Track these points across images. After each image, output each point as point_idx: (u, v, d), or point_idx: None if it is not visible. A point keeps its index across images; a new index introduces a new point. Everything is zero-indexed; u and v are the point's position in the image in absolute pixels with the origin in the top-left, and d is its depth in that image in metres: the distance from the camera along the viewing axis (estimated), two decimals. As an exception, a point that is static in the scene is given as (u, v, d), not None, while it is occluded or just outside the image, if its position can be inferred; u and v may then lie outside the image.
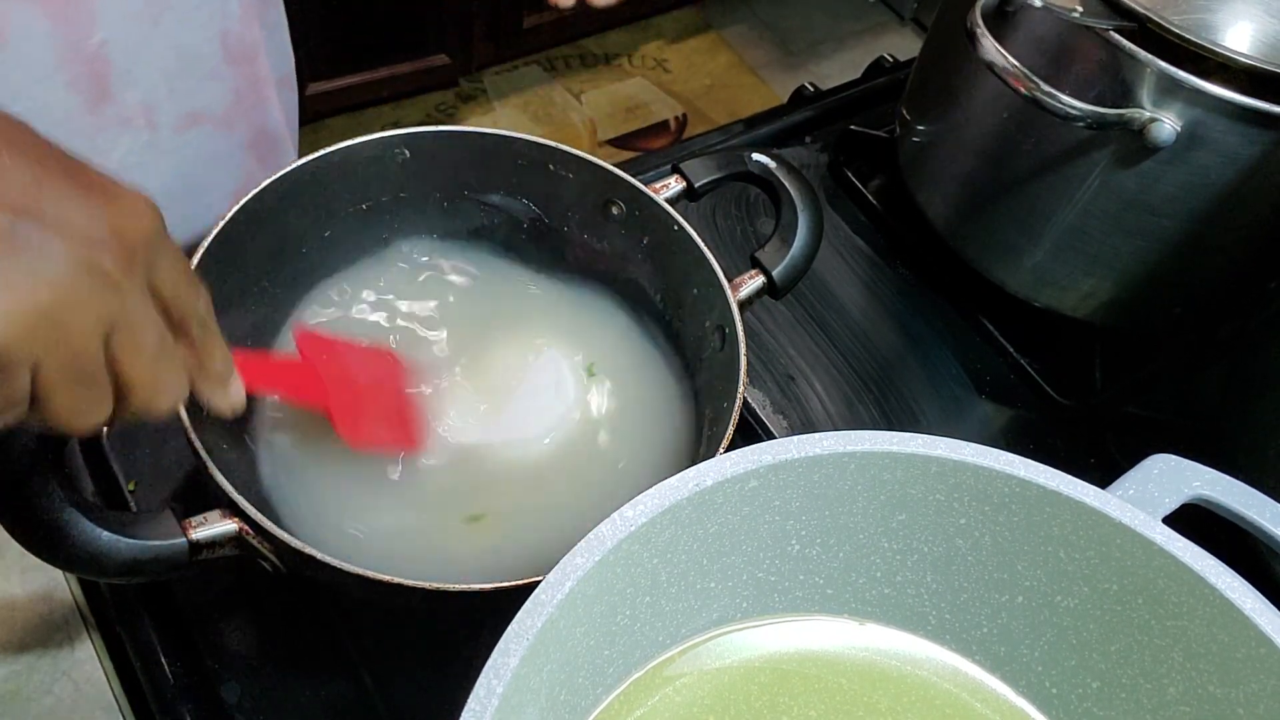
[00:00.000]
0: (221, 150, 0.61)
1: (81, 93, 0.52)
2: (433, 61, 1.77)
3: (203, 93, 0.58)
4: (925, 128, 0.72)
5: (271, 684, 0.52)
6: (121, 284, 0.32)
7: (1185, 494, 0.40)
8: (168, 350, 0.35)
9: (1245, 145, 0.56)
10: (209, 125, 0.60)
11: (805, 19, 2.14)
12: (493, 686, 0.31)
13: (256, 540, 0.44)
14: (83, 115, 0.53)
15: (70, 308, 0.31)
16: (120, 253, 0.32)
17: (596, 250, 0.61)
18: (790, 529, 0.40)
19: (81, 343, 0.31)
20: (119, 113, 0.54)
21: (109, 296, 0.32)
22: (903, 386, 0.69)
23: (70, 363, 0.31)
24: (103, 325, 0.32)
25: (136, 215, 0.33)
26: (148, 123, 0.56)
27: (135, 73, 0.54)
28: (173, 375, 0.36)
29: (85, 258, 0.31)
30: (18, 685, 0.52)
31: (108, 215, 0.32)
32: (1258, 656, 0.35)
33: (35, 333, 0.30)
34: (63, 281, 0.30)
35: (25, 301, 0.29)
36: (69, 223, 0.31)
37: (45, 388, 0.31)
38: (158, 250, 0.34)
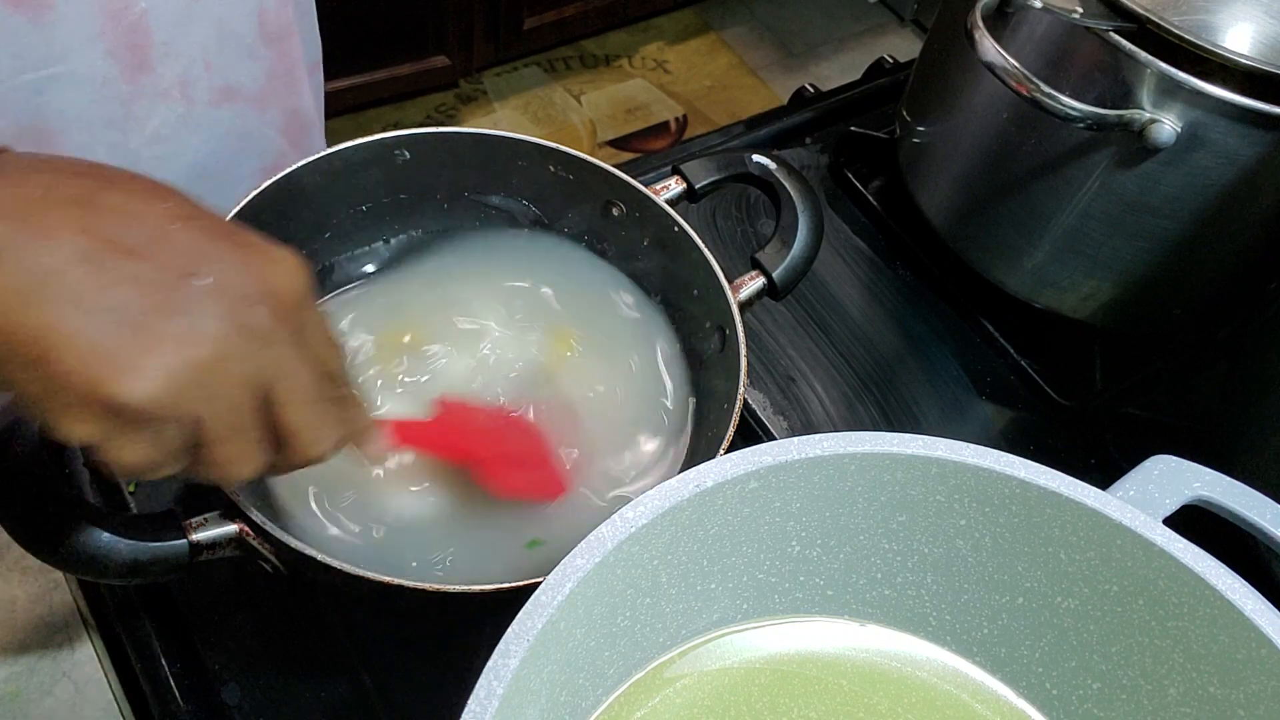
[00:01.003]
0: (254, 129, 0.62)
1: (120, 61, 0.53)
2: (433, 63, 1.78)
3: (238, 70, 0.59)
4: (925, 129, 0.72)
5: (271, 685, 0.52)
6: (276, 339, 0.34)
7: (1185, 495, 0.40)
8: (323, 399, 0.37)
9: (1245, 146, 0.56)
10: (243, 103, 0.60)
11: (805, 20, 2.14)
12: (493, 687, 0.31)
13: (257, 541, 0.44)
14: (120, 84, 0.54)
15: (227, 363, 0.32)
16: (274, 309, 0.34)
17: (596, 251, 0.61)
18: (791, 530, 0.40)
19: (238, 396, 0.33)
20: (156, 84, 0.55)
21: (264, 351, 0.34)
22: (903, 388, 0.69)
23: (228, 416, 0.33)
24: (259, 379, 0.34)
25: (289, 274, 0.35)
26: (183, 96, 0.57)
27: (174, 45, 0.55)
28: (330, 422, 0.37)
29: (240, 315, 0.33)
30: (18, 686, 0.52)
31: (260, 273, 0.34)
32: (1258, 658, 0.35)
33: (195, 388, 0.32)
34: (219, 339, 0.32)
35: (185, 358, 0.31)
36: (226, 283, 0.33)
37: (207, 440, 0.33)
38: (306, 307, 0.36)
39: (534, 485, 0.53)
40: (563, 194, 0.59)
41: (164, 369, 0.31)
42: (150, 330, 0.31)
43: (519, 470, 0.53)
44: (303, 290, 0.35)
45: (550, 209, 0.61)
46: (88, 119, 0.54)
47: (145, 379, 0.31)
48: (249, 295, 0.33)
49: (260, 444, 0.35)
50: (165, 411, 0.32)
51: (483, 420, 0.54)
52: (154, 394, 0.31)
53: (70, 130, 0.54)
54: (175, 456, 0.33)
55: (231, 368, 0.33)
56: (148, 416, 0.31)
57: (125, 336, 0.31)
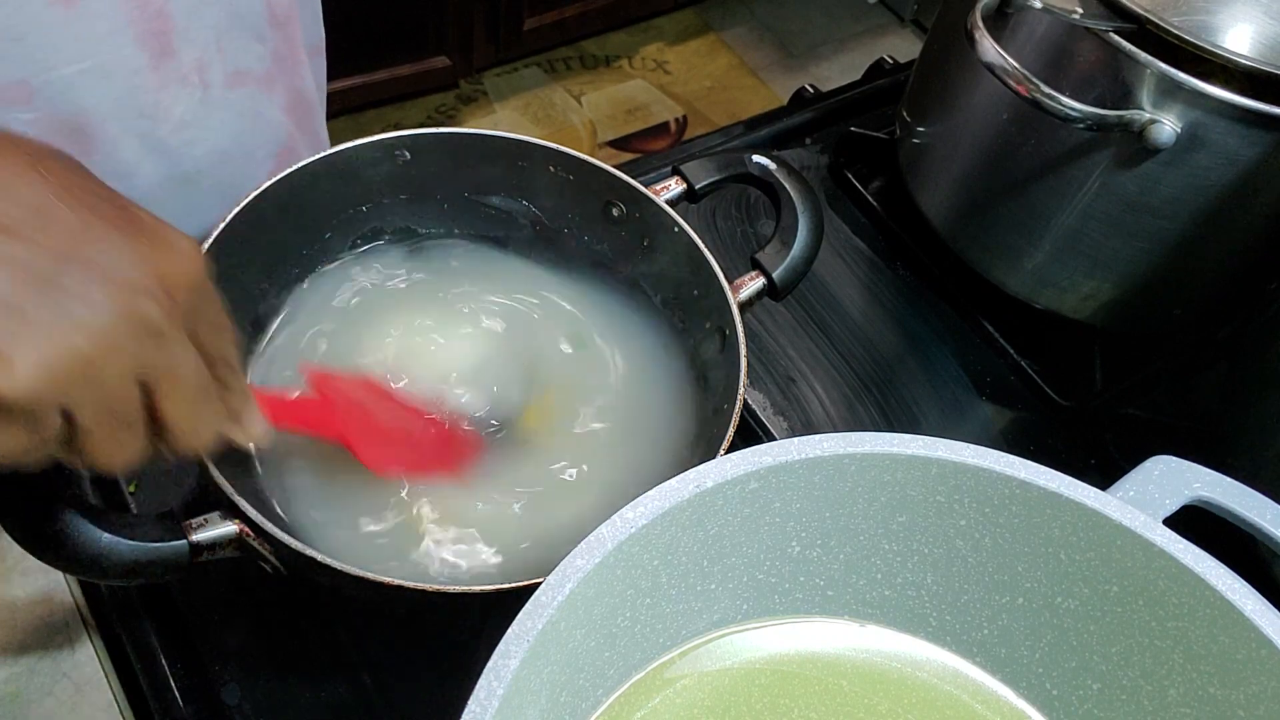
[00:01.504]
0: (263, 110, 0.62)
1: (147, 49, 0.53)
2: (433, 63, 1.78)
3: (247, 53, 0.59)
4: (925, 129, 0.72)
5: (272, 685, 0.52)
6: (164, 331, 0.32)
7: (1185, 495, 0.40)
8: (205, 392, 0.35)
9: (1245, 147, 0.56)
10: (252, 85, 0.61)
11: (805, 21, 2.14)
12: (493, 688, 0.31)
13: (257, 542, 0.44)
14: (147, 72, 0.54)
15: (108, 355, 0.31)
16: (164, 300, 0.32)
17: (597, 252, 0.61)
18: (791, 530, 0.40)
19: (118, 388, 0.32)
20: (178, 70, 0.55)
21: (149, 344, 0.32)
22: (903, 388, 0.69)
23: (106, 407, 0.32)
24: (141, 371, 0.32)
25: (183, 261, 0.33)
26: (200, 81, 0.57)
27: (192, 30, 0.55)
28: (210, 415, 0.36)
29: (128, 305, 0.31)
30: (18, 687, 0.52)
31: (155, 261, 0.32)
32: (1259, 658, 0.35)
33: (70, 379, 0.30)
34: (103, 329, 0.30)
35: (62, 348, 0.30)
36: (114, 270, 0.31)
37: (81, 430, 0.32)
38: (200, 294, 0.34)
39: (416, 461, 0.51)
40: (563, 194, 0.59)
41: (39, 359, 0.29)
42: (26, 317, 0.29)
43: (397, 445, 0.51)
44: (197, 278, 0.34)
45: (550, 209, 0.61)
46: (121, 110, 0.54)
47: (15, 372, 0.29)
48: (138, 284, 0.31)
49: (137, 434, 0.34)
50: (39, 404, 0.30)
51: (354, 391, 0.51)
52: (27, 386, 0.29)
53: (105, 123, 0.54)
54: (47, 445, 0.31)
55: (113, 360, 0.31)
56: (20, 408, 0.30)
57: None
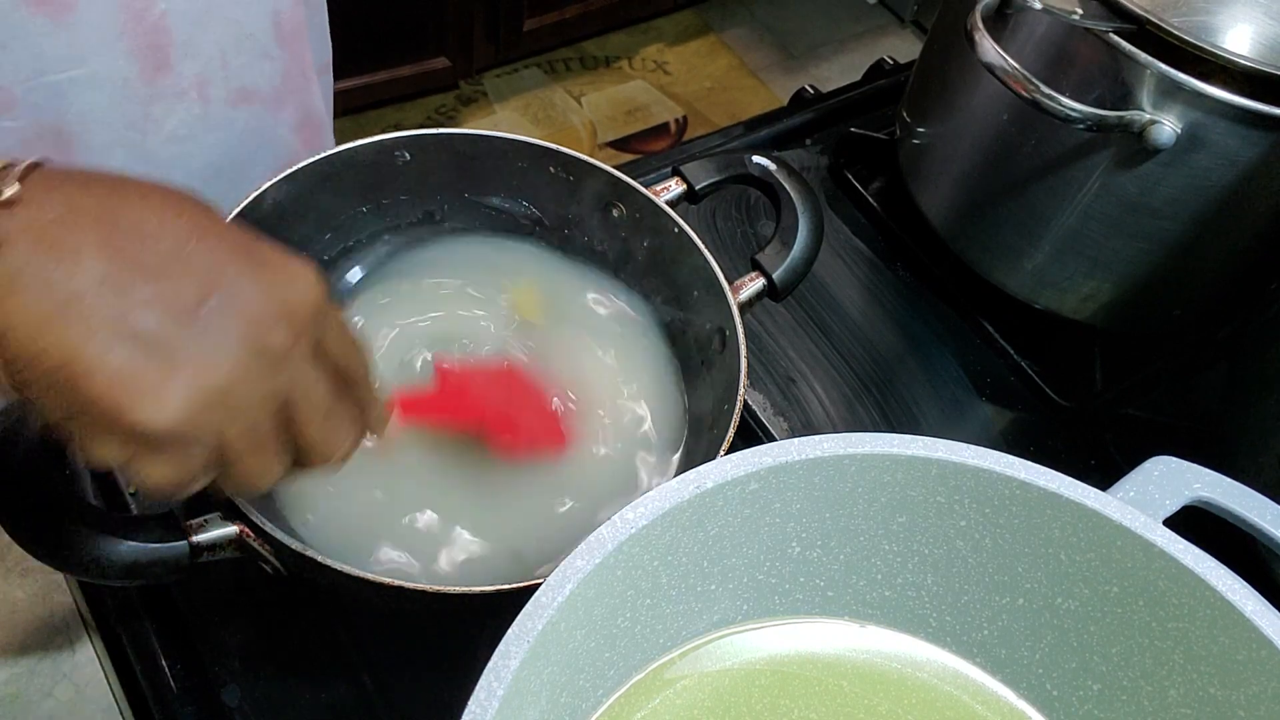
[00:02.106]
0: (269, 129, 0.62)
1: (140, 61, 0.53)
2: (433, 64, 1.78)
3: (254, 71, 0.59)
4: (925, 130, 0.72)
5: (272, 686, 0.52)
6: (290, 358, 0.35)
7: (1186, 496, 0.40)
8: (337, 409, 0.37)
9: (1245, 147, 0.56)
10: (259, 104, 0.61)
11: (805, 21, 2.14)
12: (493, 689, 0.31)
13: (257, 542, 0.44)
14: (139, 84, 0.54)
15: (244, 385, 0.33)
16: (289, 327, 0.34)
17: (597, 253, 0.61)
18: (791, 531, 0.40)
19: (256, 415, 0.34)
20: (175, 84, 0.55)
21: (281, 371, 0.34)
22: (903, 388, 0.69)
23: (248, 433, 0.34)
24: (277, 397, 0.35)
25: (304, 288, 0.35)
26: (200, 96, 0.57)
27: (194, 45, 0.55)
28: (343, 432, 0.38)
29: (257, 337, 0.33)
30: (18, 688, 0.52)
31: (278, 292, 0.35)
32: (1259, 659, 0.35)
33: (213, 410, 0.33)
34: (237, 361, 0.33)
35: (204, 381, 0.32)
36: (245, 304, 0.33)
37: (227, 457, 0.34)
38: (324, 319, 0.36)
39: (539, 441, 0.53)
40: (563, 195, 0.59)
41: (184, 394, 0.32)
42: (170, 355, 0.32)
43: (523, 428, 0.53)
44: (318, 304, 0.36)
45: (550, 210, 0.61)
46: (108, 120, 0.54)
47: (166, 405, 0.32)
48: (265, 316, 0.34)
49: (280, 455, 0.36)
50: (186, 435, 0.32)
51: (481, 381, 0.54)
52: (175, 419, 0.32)
53: (90, 131, 0.54)
54: (199, 474, 0.34)
55: (249, 390, 0.34)
56: (170, 440, 0.32)
57: (146, 362, 0.31)
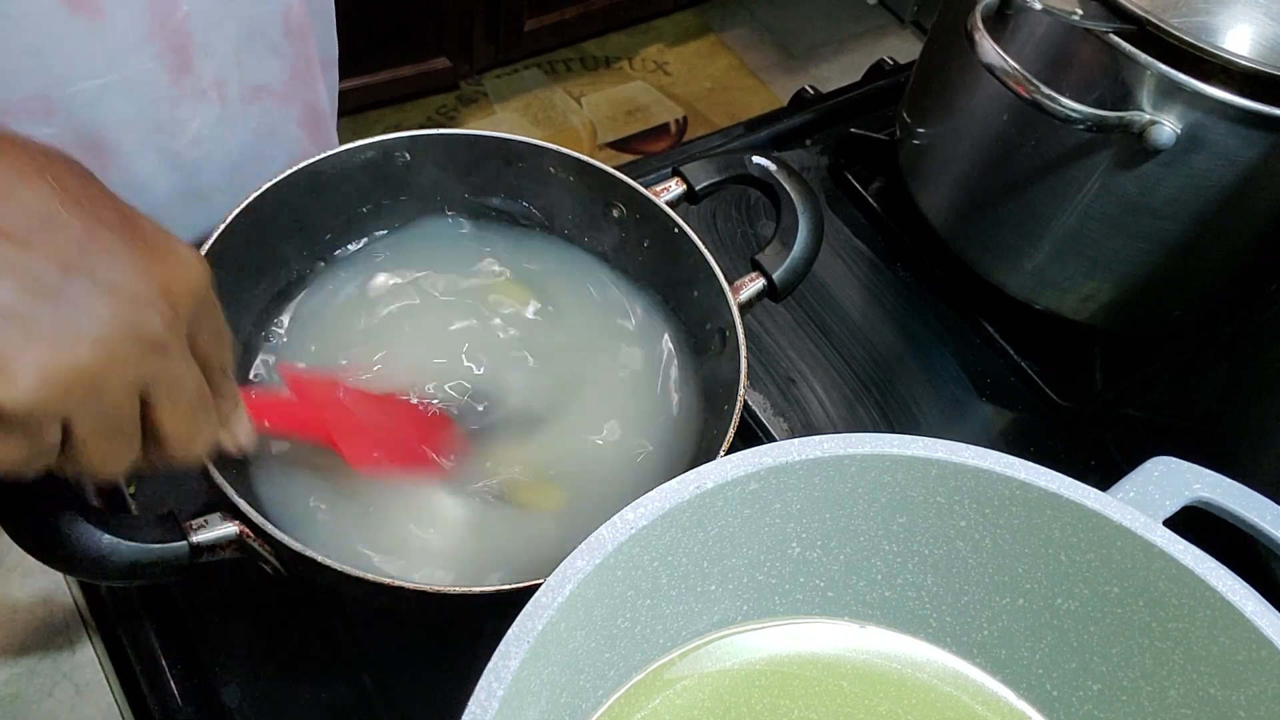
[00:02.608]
0: (279, 125, 0.63)
1: (167, 63, 0.53)
2: (433, 65, 1.78)
3: (265, 68, 0.59)
4: (925, 130, 0.72)
5: (272, 686, 0.52)
6: (166, 343, 0.32)
7: (1186, 496, 0.40)
8: (203, 403, 0.35)
9: (1245, 148, 0.56)
10: (270, 100, 0.61)
11: (805, 22, 2.14)
12: (493, 689, 0.31)
13: (257, 543, 0.44)
14: (166, 86, 0.54)
15: (110, 367, 0.31)
16: (167, 311, 0.32)
17: (597, 253, 0.61)
18: (791, 531, 0.40)
19: (118, 400, 0.32)
20: (196, 84, 0.56)
21: (152, 357, 0.32)
22: (903, 389, 0.69)
23: (104, 418, 0.32)
24: (141, 383, 0.32)
25: (186, 272, 0.33)
26: (219, 95, 0.57)
27: (212, 45, 0.55)
28: (205, 425, 0.36)
29: (130, 318, 0.31)
30: (18, 688, 0.52)
31: (159, 272, 0.32)
32: (1259, 659, 0.35)
33: (71, 391, 0.30)
34: (105, 342, 0.30)
35: (64, 360, 0.29)
36: (118, 281, 0.31)
37: (77, 440, 0.32)
38: (202, 308, 0.34)
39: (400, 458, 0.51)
40: (563, 196, 0.59)
41: (41, 371, 0.29)
42: (28, 327, 0.29)
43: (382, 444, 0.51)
44: (199, 288, 0.33)
45: (550, 211, 0.61)
46: (139, 124, 0.54)
47: (19, 381, 0.29)
48: (142, 295, 0.31)
49: (133, 444, 0.34)
50: (39, 415, 0.30)
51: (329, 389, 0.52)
52: (23, 398, 0.29)
53: (123, 137, 0.54)
54: (45, 454, 0.31)
55: (115, 373, 0.31)
56: (18, 421, 0.29)
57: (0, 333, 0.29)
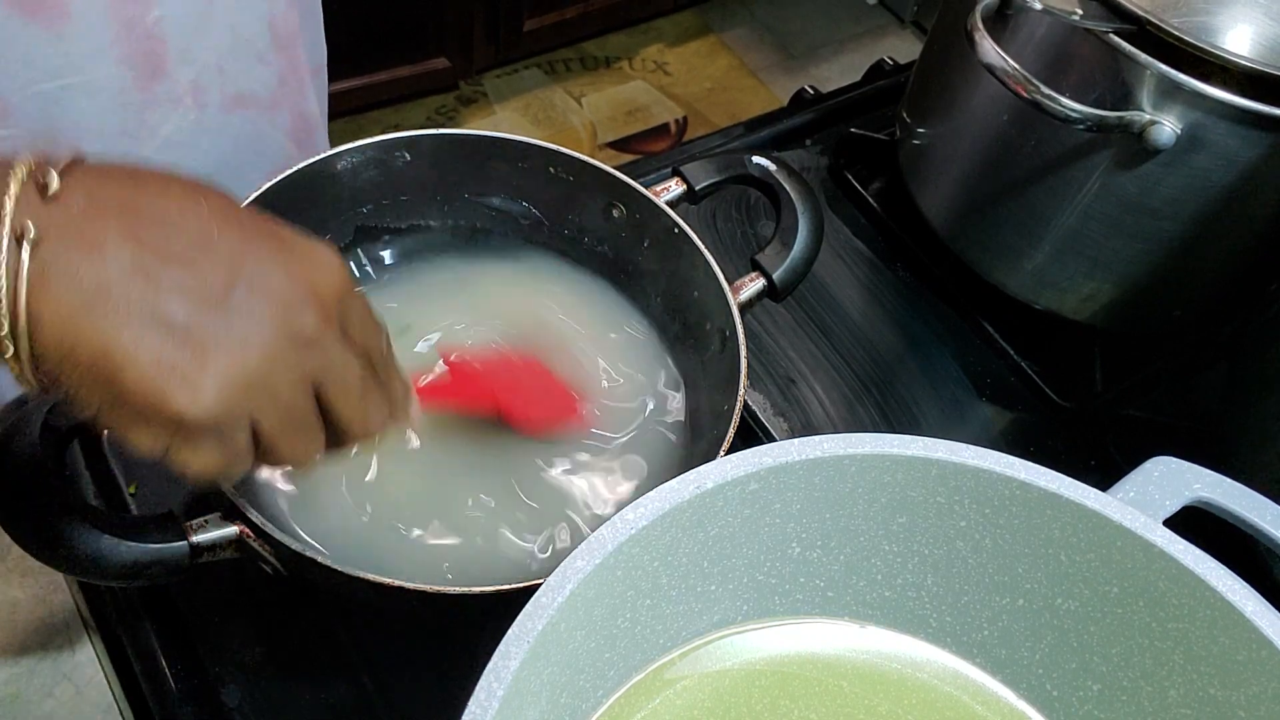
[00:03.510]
0: (264, 134, 0.63)
1: (134, 69, 0.53)
2: (433, 65, 1.78)
3: (250, 76, 0.59)
4: (925, 130, 0.72)
5: (272, 687, 0.52)
6: (321, 339, 0.35)
7: (1186, 496, 0.40)
8: (369, 387, 0.38)
9: (1245, 148, 0.56)
10: (254, 109, 0.61)
11: (805, 22, 2.14)
12: (493, 689, 0.31)
13: (257, 543, 0.44)
14: (133, 92, 0.54)
15: (277, 367, 0.34)
16: (318, 310, 0.35)
17: (597, 253, 0.61)
18: (791, 531, 0.40)
19: (291, 396, 0.35)
20: (170, 91, 0.56)
21: (311, 353, 0.35)
22: (903, 389, 0.69)
23: (284, 415, 0.35)
24: (308, 379, 0.35)
25: (329, 271, 0.36)
26: (195, 102, 0.57)
27: (190, 52, 0.55)
28: (376, 408, 0.39)
29: (287, 320, 0.34)
30: (18, 688, 0.52)
31: (304, 275, 0.35)
32: (1259, 659, 0.35)
33: (248, 395, 0.33)
34: (269, 344, 0.33)
35: (238, 367, 0.33)
36: (272, 287, 0.34)
37: (267, 439, 0.35)
38: (348, 300, 0.37)
39: (556, 414, 0.55)
40: (563, 196, 0.59)
41: (219, 381, 0.32)
42: (203, 342, 0.32)
43: (540, 404, 0.54)
44: (343, 286, 0.36)
45: (550, 211, 0.61)
46: (102, 127, 0.54)
47: (202, 393, 0.32)
48: (292, 299, 0.34)
49: (317, 434, 0.37)
50: (223, 420, 0.33)
51: (492, 366, 0.55)
52: (212, 407, 0.32)
53: (85, 139, 0.54)
54: (241, 457, 0.35)
55: (281, 372, 0.34)
56: (209, 427, 0.33)
57: (179, 350, 0.32)
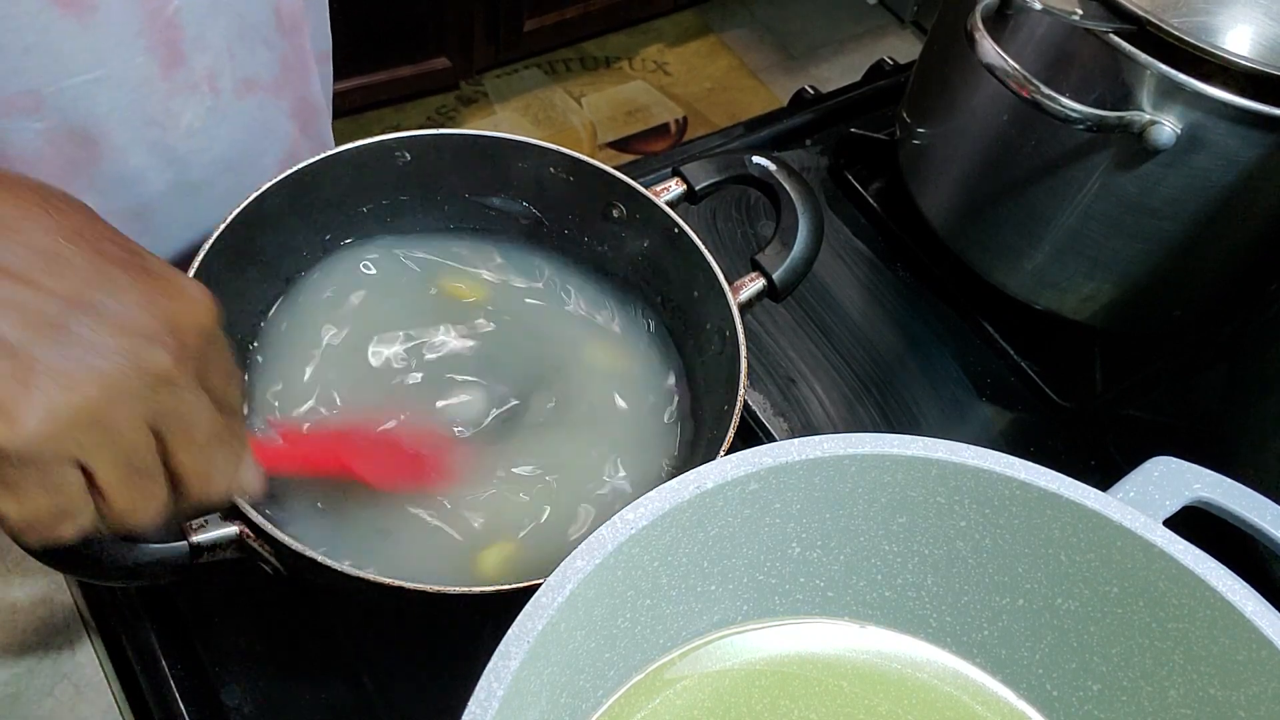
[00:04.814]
0: (271, 118, 0.63)
1: (158, 58, 0.53)
2: (433, 65, 1.78)
3: (257, 60, 0.60)
4: (925, 130, 0.72)
5: (272, 687, 0.52)
6: (175, 379, 0.32)
7: (1186, 496, 0.40)
8: (219, 439, 0.35)
9: (1245, 148, 0.56)
10: (262, 93, 0.61)
11: (805, 22, 2.14)
12: (493, 689, 0.31)
13: (257, 543, 0.44)
14: (158, 80, 0.54)
15: (119, 403, 0.30)
16: (174, 347, 0.31)
17: (597, 253, 0.61)
18: (791, 532, 0.40)
19: (132, 437, 0.31)
20: (188, 78, 0.56)
21: (161, 392, 0.31)
22: (903, 389, 0.69)
23: (123, 458, 0.31)
24: (154, 419, 0.32)
25: (194, 308, 0.33)
26: (211, 88, 0.57)
27: (204, 38, 0.55)
28: (225, 462, 0.36)
29: (137, 353, 0.30)
30: (18, 689, 0.52)
31: (165, 307, 0.32)
32: (1259, 659, 0.35)
33: (79, 429, 0.29)
34: (113, 377, 0.30)
35: (70, 397, 0.29)
36: (125, 317, 0.30)
37: (102, 485, 0.31)
38: (210, 343, 0.33)
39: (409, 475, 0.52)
40: (563, 196, 0.59)
41: (41, 411, 0.28)
42: (29, 367, 0.28)
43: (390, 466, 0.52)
44: (206, 324, 0.33)
45: (550, 211, 0.61)
46: (130, 118, 0.54)
47: (20, 422, 0.28)
48: (148, 332, 0.31)
49: (158, 484, 0.33)
50: (45, 457, 0.29)
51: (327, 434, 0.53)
52: (30, 438, 0.28)
53: (114, 130, 0.54)
54: (72, 506, 0.31)
55: (123, 410, 0.30)
56: (26, 464, 0.29)
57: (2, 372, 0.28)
